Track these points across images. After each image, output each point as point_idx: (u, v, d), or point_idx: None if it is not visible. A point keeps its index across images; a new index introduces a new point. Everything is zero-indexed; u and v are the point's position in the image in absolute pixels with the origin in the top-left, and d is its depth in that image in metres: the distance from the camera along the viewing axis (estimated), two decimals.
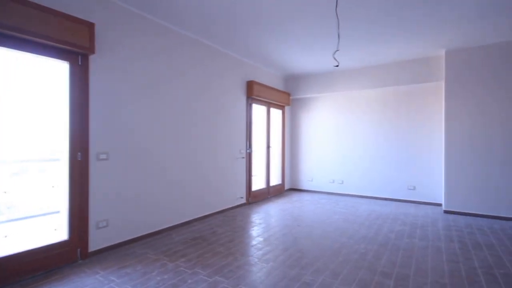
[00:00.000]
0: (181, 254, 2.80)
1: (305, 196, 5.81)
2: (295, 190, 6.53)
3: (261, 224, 3.86)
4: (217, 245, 3.04)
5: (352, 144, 5.82)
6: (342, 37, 3.82)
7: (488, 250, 2.94)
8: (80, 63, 2.64)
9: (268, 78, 5.73)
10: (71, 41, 2.48)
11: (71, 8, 2.58)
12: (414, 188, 5.18)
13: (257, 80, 5.29)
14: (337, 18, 2.95)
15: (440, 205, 4.89)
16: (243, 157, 4.94)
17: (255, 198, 5.27)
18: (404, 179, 5.28)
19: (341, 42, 3.99)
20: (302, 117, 6.49)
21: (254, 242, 3.16)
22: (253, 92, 4.97)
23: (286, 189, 6.46)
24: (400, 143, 5.32)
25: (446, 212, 4.43)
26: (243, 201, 4.97)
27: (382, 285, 2.22)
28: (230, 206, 4.64)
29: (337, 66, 3.55)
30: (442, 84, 4.72)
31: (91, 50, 2.61)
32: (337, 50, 3.28)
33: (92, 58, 2.73)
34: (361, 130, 5.72)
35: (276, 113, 6.10)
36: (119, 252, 2.85)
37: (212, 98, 4.25)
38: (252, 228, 3.68)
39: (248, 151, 5.05)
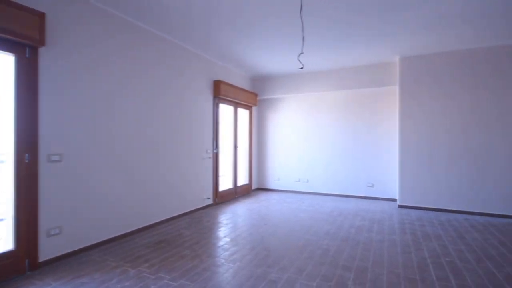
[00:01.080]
0: (144, 259, 2.68)
1: (272, 196, 5.90)
2: (262, 189, 6.59)
3: (228, 225, 3.84)
4: (182, 248, 2.97)
5: (317, 144, 6.03)
6: (307, 41, 3.94)
7: (436, 240, 3.22)
8: (27, 56, 2.41)
9: (236, 78, 5.72)
10: (17, 32, 2.25)
11: None
12: (373, 186, 5.52)
13: (224, 80, 5.25)
14: (302, 22, 3.04)
15: (395, 200, 5.26)
16: (210, 157, 4.88)
17: (223, 199, 5.24)
18: (364, 177, 5.60)
19: (306, 45, 4.12)
20: (269, 118, 6.58)
21: (221, 243, 3.14)
22: (220, 91, 4.93)
23: (253, 188, 6.50)
24: (360, 143, 5.63)
25: (400, 206, 4.78)
26: (210, 201, 4.90)
27: (343, 278, 2.33)
28: (197, 207, 4.56)
29: (302, 68, 3.66)
30: (397, 88, 5.08)
31: (41, 42, 2.40)
32: (302, 53, 3.38)
33: (42, 50, 2.50)
34: (325, 130, 5.95)
35: (243, 113, 6.12)
36: (74, 261, 2.66)
37: (179, 97, 4.14)
38: (219, 229, 3.65)
39: (215, 151, 5.00)
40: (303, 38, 3.26)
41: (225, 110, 5.50)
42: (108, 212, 3.12)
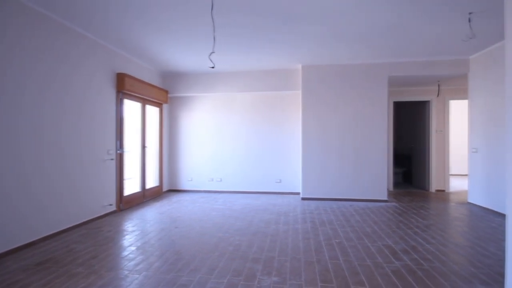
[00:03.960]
0: (20, 286, 2.19)
1: (185, 196, 5.72)
2: (174, 191, 6.31)
3: (134, 232, 3.52)
4: (74, 266, 2.55)
5: (230, 143, 6.16)
6: (220, 42, 3.98)
7: (329, 225, 3.75)
8: None
9: (144, 72, 5.28)
10: None
11: None
12: (280, 181, 6.00)
13: (130, 73, 4.77)
14: (213, 21, 3.04)
15: (299, 193, 5.86)
16: (112, 159, 4.36)
17: (128, 204, 4.76)
18: (273, 174, 6.03)
19: (218, 46, 4.15)
20: (182, 116, 6.35)
21: (125, 253, 2.85)
22: (125, 86, 4.47)
23: (164, 190, 6.15)
24: (270, 142, 6.03)
25: (303, 199, 5.35)
26: (113, 208, 4.39)
27: (252, 270, 2.45)
28: (95, 216, 4.00)
29: (213, 67, 3.66)
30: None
31: None
32: (213, 52, 3.39)
33: None
34: (238, 130, 6.13)
35: (152, 111, 5.71)
36: None
37: (69, 91, 3.53)
38: (123, 238, 3.31)
39: (119, 151, 4.50)
40: (214, 37, 3.28)
41: (132, 107, 5.03)
42: None
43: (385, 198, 5.16)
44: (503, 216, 4.06)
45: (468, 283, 2.22)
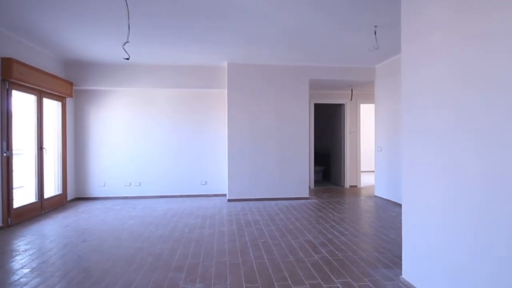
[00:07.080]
0: None
1: (96, 205, 5.01)
2: (82, 199, 5.48)
3: (28, 251, 2.88)
4: None
5: (149, 144, 5.67)
6: (139, 32, 3.62)
7: (255, 225, 3.79)
8: None
9: (40, 59, 4.42)
10: None
11: None
12: (206, 183, 5.83)
13: (20, 59, 3.90)
14: (127, 7, 2.72)
15: (225, 195, 5.79)
16: None
17: (20, 218, 3.90)
18: (197, 175, 5.80)
19: (136, 37, 3.76)
20: (92, 112, 5.56)
21: (14, 278, 2.30)
22: (13, 74, 3.64)
23: (69, 199, 5.27)
24: (194, 142, 5.79)
25: (229, 200, 5.31)
26: None
27: (175, 279, 2.27)
28: None
29: (128, 59, 3.30)
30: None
31: None
32: (127, 42, 3.03)
33: None
34: (158, 130, 5.70)
35: (52, 106, 4.83)
36: None
37: None
38: (12, 259, 2.68)
39: (5, 154, 3.63)
40: (128, 26, 2.93)
41: (23, 100, 4.15)
42: None
43: (307, 196, 5.54)
44: (401, 206, 4.83)
45: (373, 268, 2.52)
